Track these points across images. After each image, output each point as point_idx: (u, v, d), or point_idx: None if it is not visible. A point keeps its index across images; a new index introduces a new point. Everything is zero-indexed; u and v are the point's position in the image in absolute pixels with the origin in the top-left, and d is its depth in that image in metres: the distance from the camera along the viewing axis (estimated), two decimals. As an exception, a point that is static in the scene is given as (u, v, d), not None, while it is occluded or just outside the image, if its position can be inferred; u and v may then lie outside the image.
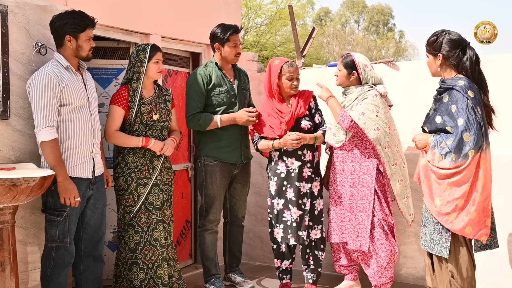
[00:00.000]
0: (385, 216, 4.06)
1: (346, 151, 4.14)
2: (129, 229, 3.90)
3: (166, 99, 4.09)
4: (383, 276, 4.10)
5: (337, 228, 4.20)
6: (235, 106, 4.31)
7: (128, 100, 3.88)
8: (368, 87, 4.09)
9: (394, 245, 4.08)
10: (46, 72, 3.37)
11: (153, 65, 3.92)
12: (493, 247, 3.40)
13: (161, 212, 3.96)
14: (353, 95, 4.11)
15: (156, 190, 3.95)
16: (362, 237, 4.07)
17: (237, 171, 4.42)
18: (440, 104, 3.34)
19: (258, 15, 19.05)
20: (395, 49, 34.81)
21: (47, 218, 3.50)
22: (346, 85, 4.17)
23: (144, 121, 3.91)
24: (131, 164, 3.90)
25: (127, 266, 3.91)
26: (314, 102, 4.27)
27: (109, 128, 3.88)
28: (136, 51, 3.93)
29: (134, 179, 3.90)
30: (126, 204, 3.91)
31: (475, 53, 3.34)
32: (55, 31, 3.50)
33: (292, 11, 6.22)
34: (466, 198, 3.23)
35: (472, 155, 3.18)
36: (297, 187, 4.14)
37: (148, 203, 3.92)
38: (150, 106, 3.94)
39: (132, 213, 3.89)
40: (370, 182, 4.05)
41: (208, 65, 4.36)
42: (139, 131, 3.91)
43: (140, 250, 3.89)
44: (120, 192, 3.94)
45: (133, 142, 3.87)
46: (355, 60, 4.10)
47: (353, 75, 4.11)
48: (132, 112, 3.87)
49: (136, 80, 3.91)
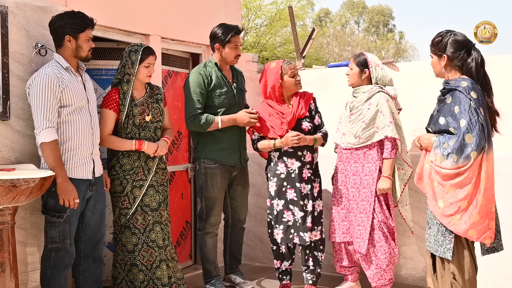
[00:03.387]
0: (385, 219, 4.06)
1: (351, 151, 4.15)
2: (125, 231, 3.89)
3: (158, 98, 4.03)
4: (383, 278, 4.11)
5: (339, 227, 4.22)
6: (234, 108, 4.30)
7: (118, 103, 3.84)
8: (377, 87, 4.09)
9: (393, 247, 4.09)
10: (46, 73, 3.37)
11: (144, 68, 3.87)
12: (499, 249, 3.39)
13: (158, 213, 3.95)
14: (363, 95, 4.11)
15: (151, 191, 3.93)
16: (361, 238, 4.08)
17: (236, 172, 4.41)
18: (444, 105, 3.33)
19: (258, 16, 19.04)
20: (395, 50, 34.80)
21: (47, 219, 3.49)
22: (358, 84, 4.17)
23: (136, 123, 3.88)
24: (126, 167, 3.89)
25: (126, 267, 3.91)
26: (314, 104, 4.27)
27: (102, 132, 3.82)
28: (129, 51, 3.88)
29: (130, 181, 3.88)
30: (122, 207, 3.90)
31: (480, 54, 3.31)
32: (54, 31, 3.50)
33: (292, 12, 6.23)
34: (469, 200, 3.21)
35: (474, 156, 3.16)
36: (298, 188, 4.13)
37: (144, 205, 3.90)
38: (142, 108, 3.90)
39: (128, 215, 3.88)
40: (372, 184, 4.06)
41: (208, 65, 4.32)
42: (132, 133, 3.88)
43: (138, 252, 3.88)
44: (115, 195, 3.93)
45: (126, 145, 3.85)
46: (368, 59, 4.13)
47: (364, 73, 4.13)
48: (123, 115, 3.84)
49: (127, 82, 3.86)
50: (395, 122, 4.02)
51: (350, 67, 4.21)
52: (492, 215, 3.26)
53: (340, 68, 5.03)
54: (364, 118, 4.05)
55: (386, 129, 4.00)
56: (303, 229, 4.12)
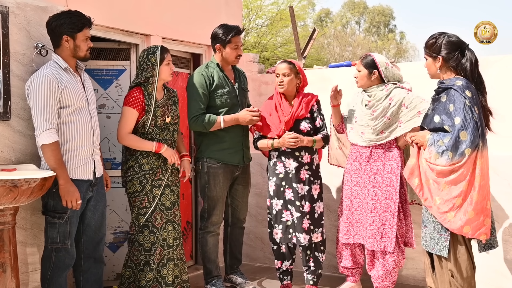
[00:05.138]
0: (398, 221, 4.03)
1: (370, 150, 4.09)
2: (144, 230, 3.87)
3: (175, 100, 4.08)
4: (387, 280, 4.08)
5: (351, 228, 4.15)
6: (237, 108, 4.31)
7: (144, 102, 3.84)
8: (392, 84, 4.04)
9: (402, 250, 4.06)
10: (45, 74, 3.35)
11: (166, 67, 3.90)
12: (495, 246, 3.42)
13: (171, 213, 3.96)
14: (381, 93, 4.03)
15: (167, 190, 3.94)
16: (387, 237, 3.99)
17: (239, 172, 4.42)
18: (438, 103, 3.37)
19: (259, 16, 19.06)
20: (396, 50, 34.79)
21: (47, 220, 3.49)
22: (368, 86, 4.10)
23: (158, 124, 3.89)
24: (145, 167, 3.87)
25: (139, 266, 3.88)
26: (317, 106, 4.24)
27: (123, 130, 3.84)
28: (146, 55, 3.88)
29: (149, 180, 3.87)
30: (140, 206, 3.88)
31: (474, 55, 3.38)
32: (51, 31, 3.48)
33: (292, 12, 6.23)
34: (463, 197, 3.25)
35: (469, 153, 3.21)
36: (295, 189, 4.14)
37: (161, 204, 3.91)
38: (163, 109, 3.92)
39: (147, 214, 3.86)
40: (395, 181, 4.00)
41: (210, 66, 4.33)
42: (153, 133, 3.89)
43: (154, 251, 3.87)
44: (133, 195, 3.89)
45: (146, 146, 3.85)
46: (375, 59, 4.06)
47: (374, 74, 4.05)
48: (149, 116, 3.85)
49: (151, 84, 3.87)
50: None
51: (357, 69, 4.12)
52: (488, 212, 3.30)
53: (341, 69, 5.02)
54: (388, 114, 3.98)
55: (415, 120, 3.89)
56: (299, 230, 4.12)
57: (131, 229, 3.94)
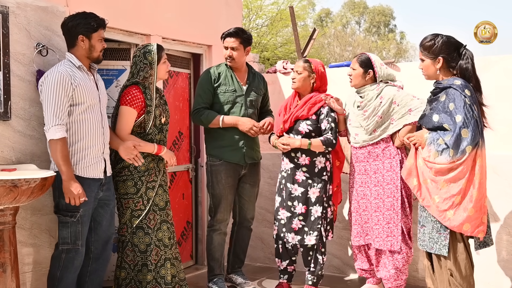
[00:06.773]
0: (405, 218, 4.02)
1: (368, 150, 4.09)
2: (138, 232, 3.82)
3: (165, 100, 4.05)
4: (399, 278, 4.04)
5: (361, 230, 4.14)
6: (240, 106, 4.33)
7: (145, 102, 3.78)
8: (383, 84, 4.05)
9: (410, 246, 4.04)
10: (59, 71, 3.36)
11: (163, 65, 3.88)
12: (489, 244, 3.42)
13: (165, 213, 3.93)
14: (372, 92, 4.04)
15: (160, 191, 3.91)
16: (392, 236, 3.98)
17: (245, 171, 4.43)
18: (437, 103, 3.39)
19: (259, 16, 19.07)
20: (396, 50, 34.79)
21: (59, 219, 3.46)
22: (361, 85, 4.10)
23: (157, 124, 3.86)
24: (141, 168, 3.81)
25: (136, 268, 3.85)
26: (326, 109, 4.14)
27: (123, 131, 3.77)
28: (143, 53, 3.83)
29: (144, 182, 3.82)
30: (135, 208, 3.82)
31: (472, 55, 3.41)
32: (67, 31, 3.49)
33: (293, 12, 6.23)
34: (462, 195, 3.27)
35: (470, 151, 3.22)
36: (288, 189, 4.16)
37: (154, 204, 3.88)
38: (159, 109, 3.89)
39: (141, 216, 3.82)
40: (396, 179, 3.99)
41: (221, 65, 4.43)
42: (152, 134, 3.84)
43: (150, 252, 3.83)
44: (127, 196, 3.82)
45: (148, 148, 3.79)
46: (371, 58, 4.06)
47: (368, 74, 4.06)
48: (150, 116, 3.80)
49: (149, 83, 3.83)
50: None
51: (352, 67, 4.12)
52: (485, 209, 3.33)
53: (341, 69, 5.02)
54: (379, 112, 3.99)
55: (407, 117, 3.92)
56: (288, 230, 4.15)
57: (122, 231, 3.86)
